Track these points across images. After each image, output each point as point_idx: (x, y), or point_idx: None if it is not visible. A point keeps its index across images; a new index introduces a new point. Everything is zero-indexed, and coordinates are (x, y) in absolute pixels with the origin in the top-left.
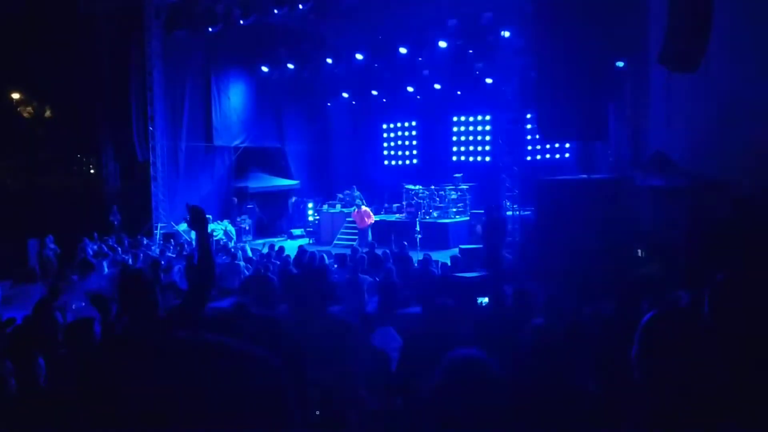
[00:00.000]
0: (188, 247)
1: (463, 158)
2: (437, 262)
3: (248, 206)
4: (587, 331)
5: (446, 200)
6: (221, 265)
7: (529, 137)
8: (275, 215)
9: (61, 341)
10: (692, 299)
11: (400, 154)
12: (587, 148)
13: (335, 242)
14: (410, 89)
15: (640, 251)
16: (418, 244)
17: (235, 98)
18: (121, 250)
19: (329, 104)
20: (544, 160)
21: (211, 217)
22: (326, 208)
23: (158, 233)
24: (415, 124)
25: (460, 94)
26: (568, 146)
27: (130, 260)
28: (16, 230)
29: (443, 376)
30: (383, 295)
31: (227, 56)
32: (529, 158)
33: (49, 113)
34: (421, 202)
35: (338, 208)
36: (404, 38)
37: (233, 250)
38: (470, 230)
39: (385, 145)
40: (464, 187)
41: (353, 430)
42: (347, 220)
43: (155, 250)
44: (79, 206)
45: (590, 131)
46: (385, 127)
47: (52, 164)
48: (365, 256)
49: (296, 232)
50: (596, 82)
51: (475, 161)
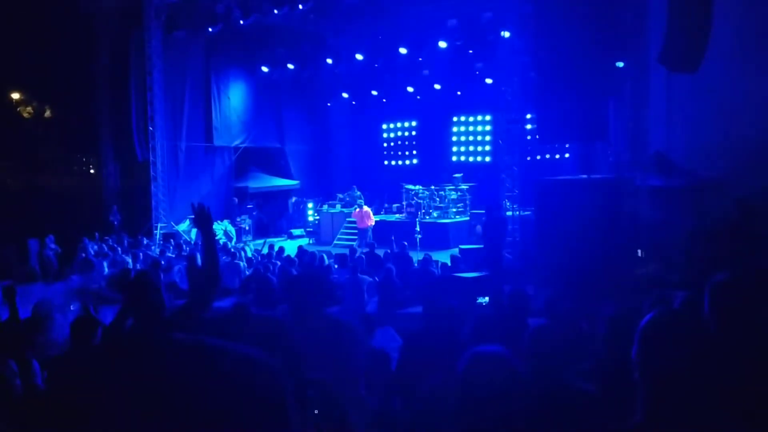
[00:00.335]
0: (188, 247)
1: (463, 158)
2: (437, 262)
3: (248, 207)
4: (587, 331)
5: (446, 200)
6: (221, 264)
7: (529, 137)
8: (275, 215)
9: (58, 342)
10: (692, 299)
11: (399, 154)
12: (587, 148)
13: (335, 242)
14: (410, 89)
15: (640, 251)
16: (418, 244)
17: (235, 98)
18: (121, 250)
19: (329, 104)
20: (543, 160)
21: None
22: (326, 208)
23: (158, 233)
24: (414, 124)
25: (460, 94)
26: (568, 146)
27: (130, 260)
28: (16, 230)
29: (467, 371)
30: (383, 295)
31: (227, 56)
32: (528, 158)
33: (49, 113)
34: (421, 202)
35: (338, 208)
36: (404, 38)
37: (233, 250)
38: (470, 230)
39: (384, 145)
40: (464, 187)
41: (353, 430)
42: (347, 220)
43: (155, 250)
44: (79, 206)
45: (590, 131)
46: (384, 127)
47: (52, 164)
48: (363, 256)
49: (296, 232)
50: (596, 82)
51: (475, 161)
